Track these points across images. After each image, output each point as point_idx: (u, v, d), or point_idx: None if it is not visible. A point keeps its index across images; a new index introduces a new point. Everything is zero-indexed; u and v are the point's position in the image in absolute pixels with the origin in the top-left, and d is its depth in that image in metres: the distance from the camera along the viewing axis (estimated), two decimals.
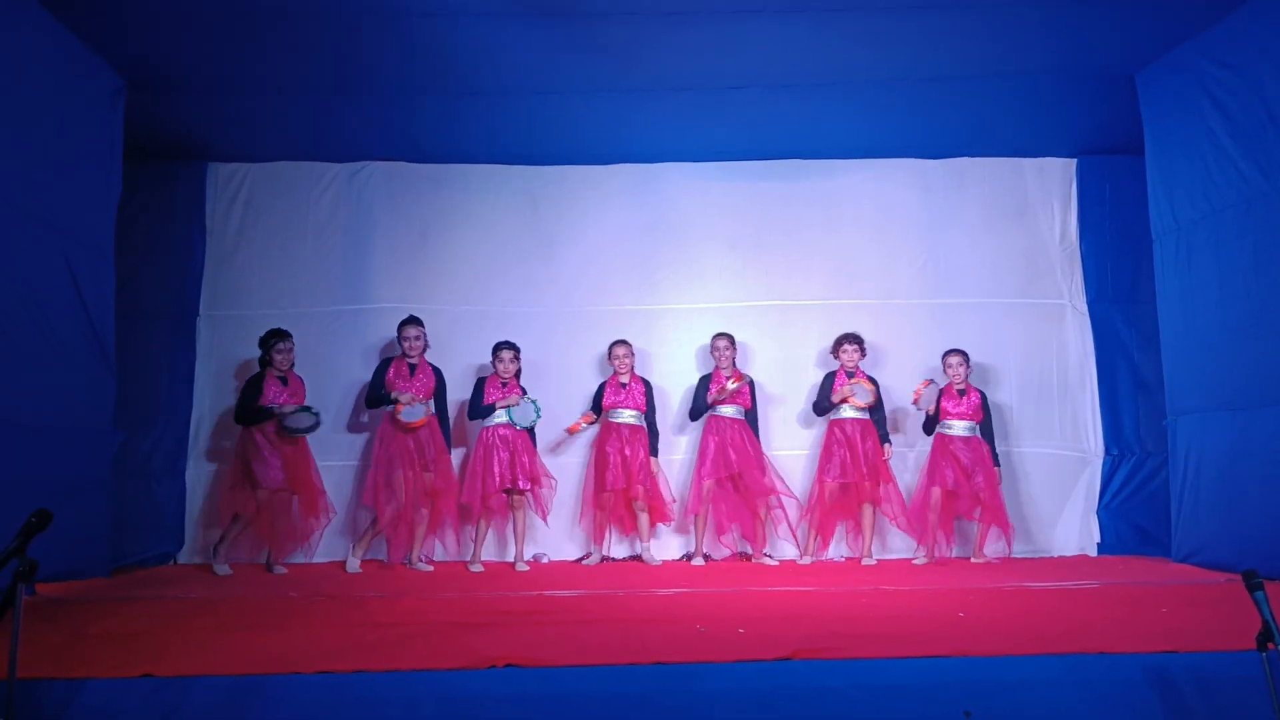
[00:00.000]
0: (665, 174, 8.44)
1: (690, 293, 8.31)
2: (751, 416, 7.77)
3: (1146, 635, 4.69)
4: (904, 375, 8.08)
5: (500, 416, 7.56)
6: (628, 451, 7.64)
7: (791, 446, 8.14)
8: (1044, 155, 8.37)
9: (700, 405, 7.75)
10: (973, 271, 8.34)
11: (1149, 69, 7.13)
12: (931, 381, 7.67)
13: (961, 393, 7.72)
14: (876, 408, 7.75)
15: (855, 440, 7.68)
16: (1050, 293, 8.33)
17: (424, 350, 7.61)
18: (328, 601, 5.97)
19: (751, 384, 7.77)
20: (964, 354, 7.72)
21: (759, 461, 7.66)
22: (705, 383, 7.78)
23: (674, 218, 8.40)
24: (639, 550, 7.80)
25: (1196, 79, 6.77)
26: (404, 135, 7.98)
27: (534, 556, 7.86)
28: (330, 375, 8.02)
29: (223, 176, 8.32)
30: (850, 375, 7.79)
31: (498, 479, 7.46)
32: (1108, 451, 8.13)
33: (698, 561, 7.68)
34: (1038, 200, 8.40)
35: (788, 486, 7.72)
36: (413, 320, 7.62)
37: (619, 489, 7.57)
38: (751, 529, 7.66)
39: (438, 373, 7.66)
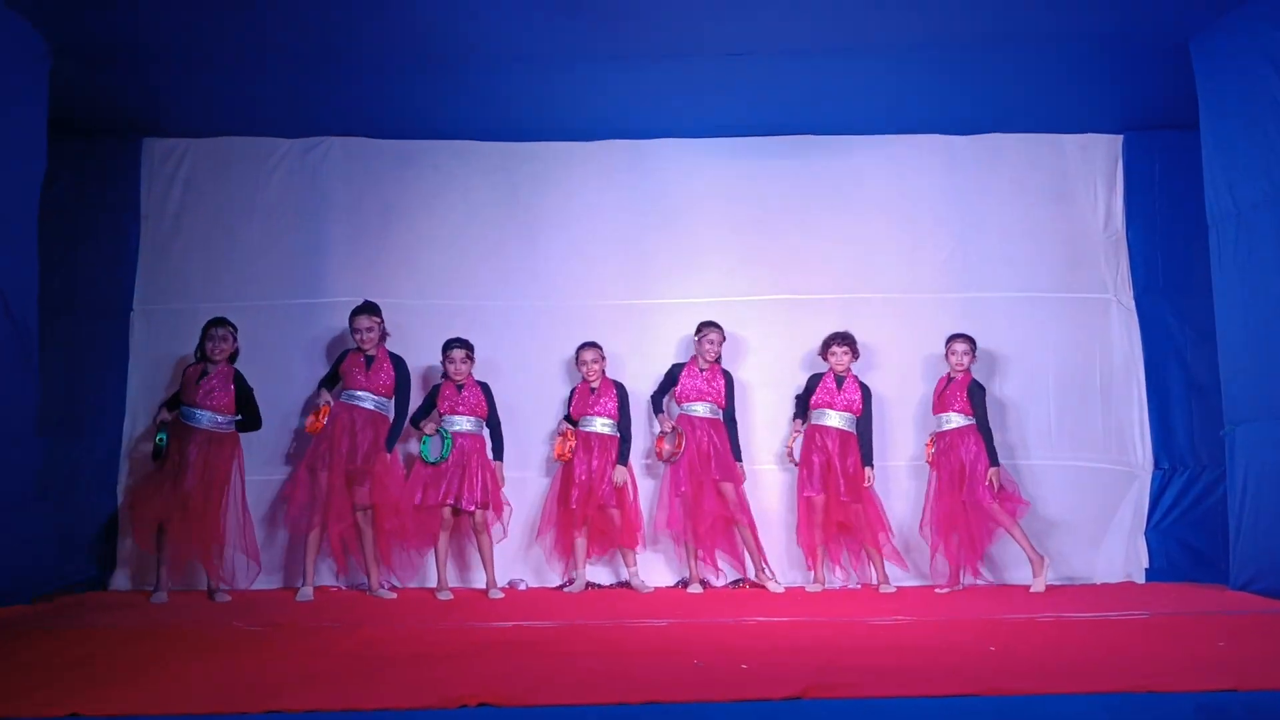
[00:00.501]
0: (659, 152, 8.45)
1: (687, 285, 8.32)
2: (728, 416, 7.77)
3: (1201, 671, 4.71)
4: (925, 380, 8.12)
5: (461, 425, 7.62)
6: (595, 464, 7.67)
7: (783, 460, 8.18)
8: (1086, 131, 8.41)
9: (661, 395, 7.76)
10: (1005, 262, 8.36)
11: (1204, 34, 7.14)
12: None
13: (949, 382, 7.70)
14: (863, 419, 7.75)
15: (832, 453, 7.74)
16: (1092, 285, 8.37)
17: (381, 340, 7.63)
18: (276, 632, 5.98)
19: (729, 379, 7.81)
20: (970, 340, 7.74)
21: (728, 473, 7.65)
22: (675, 372, 7.79)
23: (669, 201, 8.43)
24: (626, 576, 7.84)
25: (1258, 44, 6.79)
26: (365, 107, 8.01)
27: (509, 582, 7.87)
28: (280, 377, 8.00)
29: (160, 154, 8.34)
30: (840, 381, 7.81)
31: (443, 492, 7.45)
32: (1157, 465, 8.17)
33: (694, 589, 7.70)
34: (1079, 181, 8.45)
35: (745, 506, 7.67)
36: (366, 308, 7.62)
37: (583, 505, 7.59)
38: (732, 550, 7.74)
39: (399, 365, 7.67)
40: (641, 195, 8.42)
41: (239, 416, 7.51)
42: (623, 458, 7.73)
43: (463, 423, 7.59)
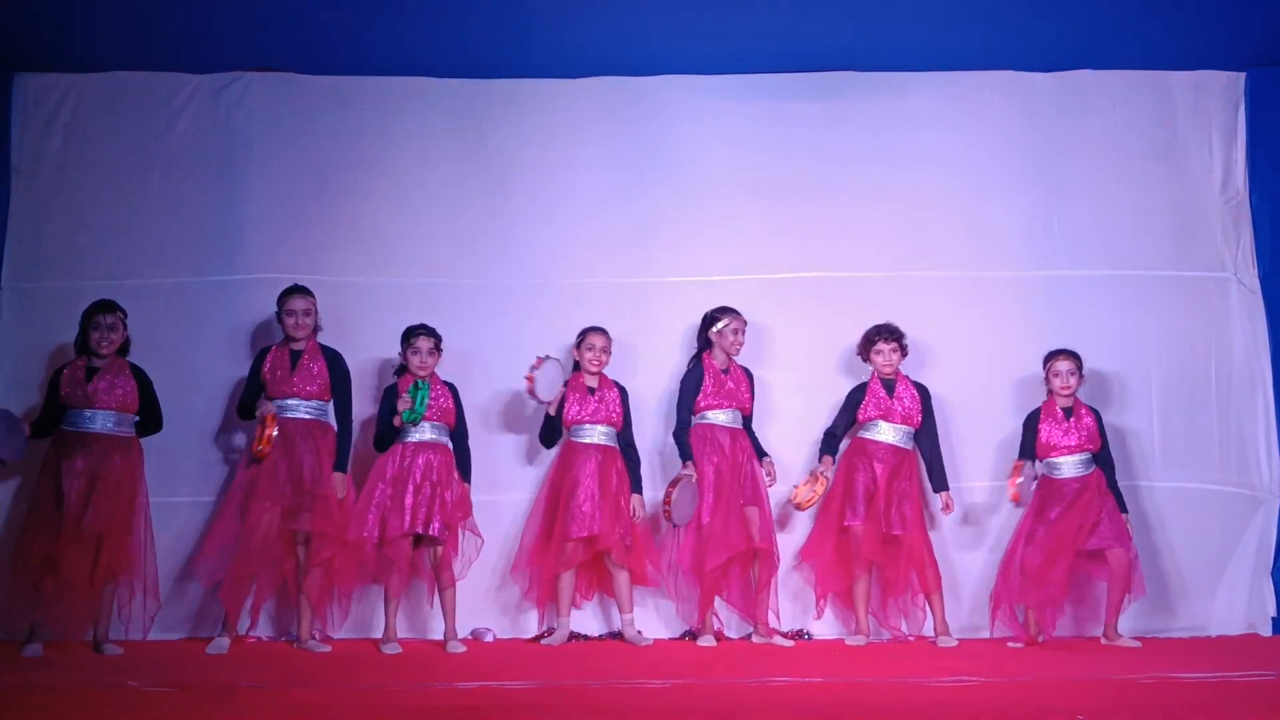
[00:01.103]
0: (661, 92, 8.48)
1: (695, 260, 8.35)
2: (748, 421, 7.91)
3: None
4: (993, 382, 8.20)
5: (426, 433, 7.65)
6: (595, 485, 7.67)
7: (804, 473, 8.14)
8: (1200, 67, 8.44)
9: (686, 412, 7.84)
10: (1097, 232, 8.38)
11: None
12: (1027, 464, 7.75)
13: (1068, 413, 7.79)
14: (924, 432, 7.87)
15: (880, 475, 7.83)
16: (1206, 262, 8.40)
17: (314, 332, 7.66)
18: (184, 695, 5.96)
19: (750, 377, 7.91)
20: (1075, 357, 7.83)
21: (755, 494, 7.78)
22: (697, 377, 7.82)
23: (673, 155, 8.44)
24: (618, 624, 7.89)
25: None
26: (294, 35, 8.02)
27: (472, 633, 7.90)
28: (186, 373, 8.03)
29: (34, 92, 8.36)
30: (889, 386, 7.86)
31: (407, 518, 7.47)
32: None
33: (706, 641, 7.72)
34: (1190, 132, 8.48)
35: (771, 534, 7.82)
36: (297, 290, 7.67)
37: (586, 538, 7.61)
38: (742, 595, 7.83)
39: (334, 360, 7.71)
40: (638, 147, 8.45)
41: (136, 417, 7.49)
42: (637, 483, 7.81)
43: (424, 431, 7.60)
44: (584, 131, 8.43)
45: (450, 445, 7.70)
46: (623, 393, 7.92)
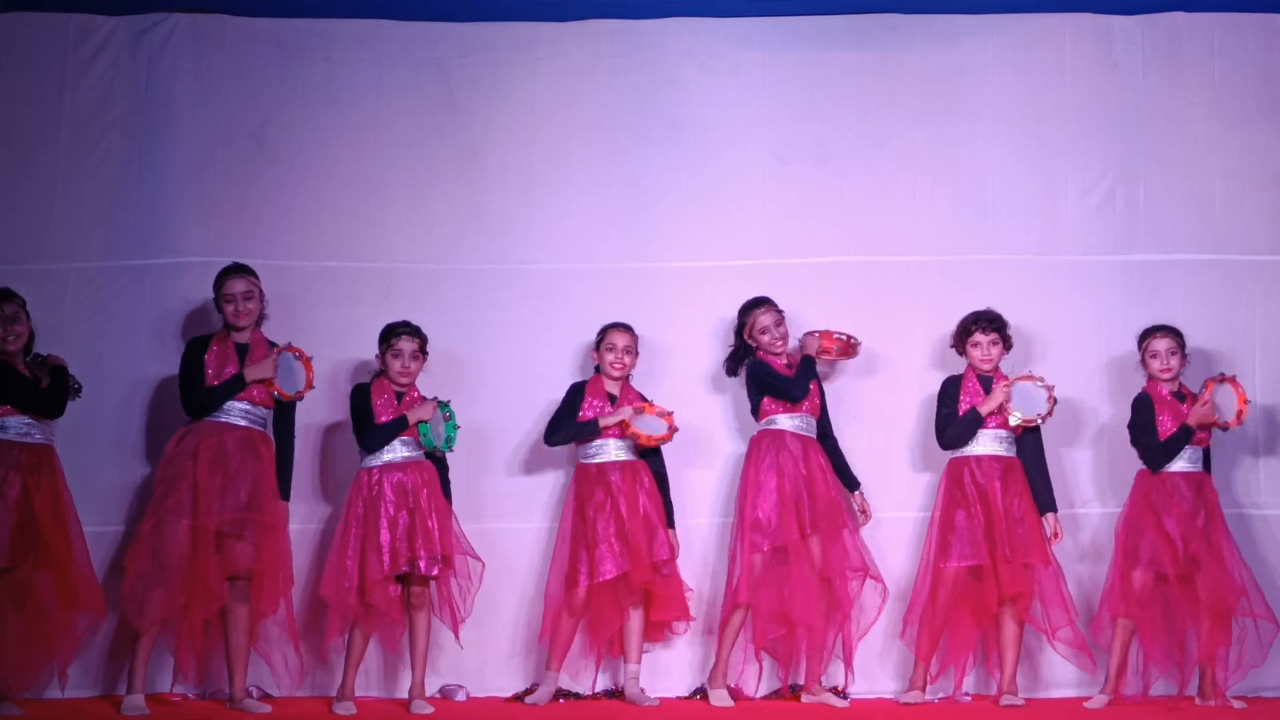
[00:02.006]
0: (666, 38, 8.27)
1: (707, 242, 8.15)
2: (827, 431, 7.72)
3: None
4: (1065, 389, 7.79)
5: (397, 451, 7.38)
6: (625, 509, 7.49)
7: (888, 504, 7.92)
8: None
9: (771, 393, 7.62)
10: (1189, 208, 8.13)
11: None
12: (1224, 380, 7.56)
13: (1180, 398, 7.55)
14: (1026, 440, 7.58)
15: (993, 494, 7.50)
16: None
17: (259, 320, 7.45)
18: None
19: (818, 378, 7.76)
20: (1177, 335, 7.60)
21: (842, 516, 7.59)
22: (765, 369, 7.62)
23: (681, 115, 8.23)
24: (621, 680, 7.70)
25: None
26: None
27: (441, 691, 7.69)
28: (97, 375, 7.63)
29: None
30: (986, 382, 7.64)
31: (386, 558, 7.27)
32: None
33: (720, 700, 7.49)
34: None
35: (874, 565, 7.64)
36: (237, 270, 7.44)
37: (617, 576, 7.45)
38: (794, 642, 7.61)
39: (273, 346, 7.51)
40: (638, 106, 8.24)
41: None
42: (669, 519, 7.69)
43: (401, 450, 7.40)
44: (572, 87, 8.23)
45: (432, 466, 7.54)
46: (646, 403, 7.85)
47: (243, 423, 7.30)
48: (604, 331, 7.70)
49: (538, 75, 8.16)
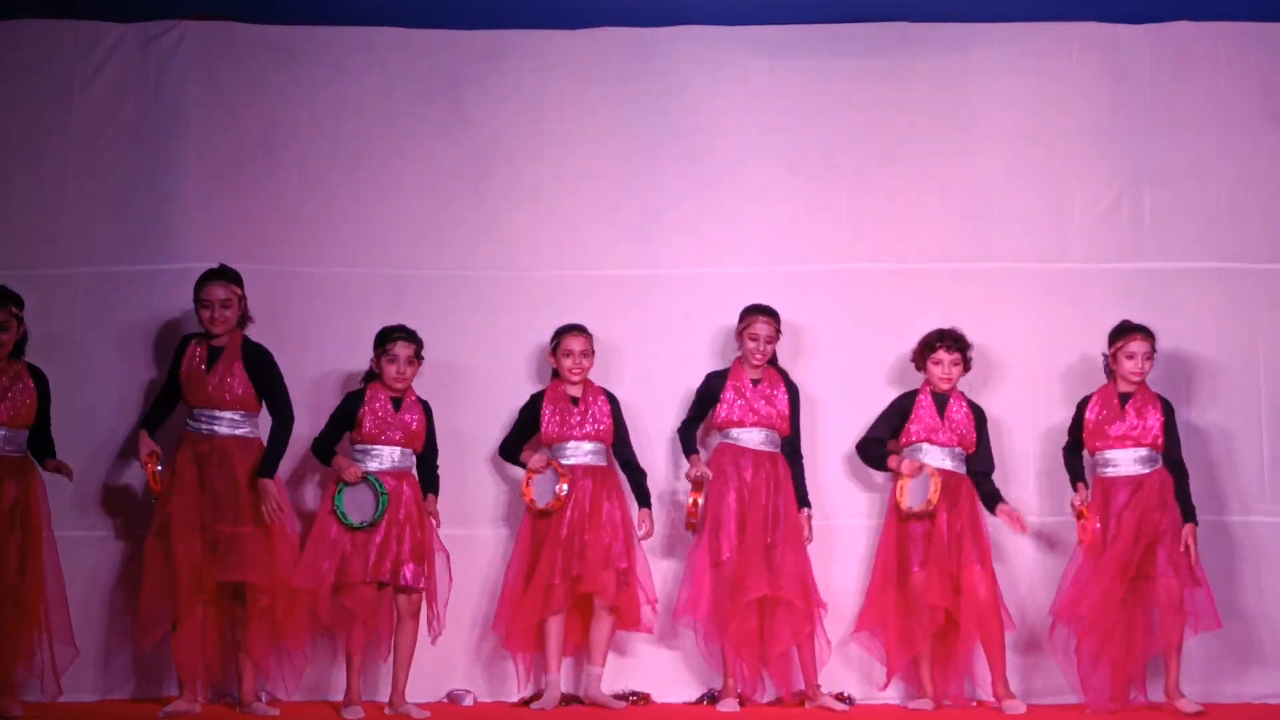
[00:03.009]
0: (676, 46, 8.28)
1: (715, 249, 8.16)
2: (791, 446, 7.74)
3: None
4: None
5: (384, 459, 7.41)
6: (582, 511, 7.54)
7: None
8: None
9: (694, 424, 7.76)
10: (1196, 217, 8.10)
11: None
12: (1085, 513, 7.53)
13: (1125, 400, 7.59)
14: (979, 451, 7.69)
15: (942, 509, 7.57)
16: None
17: (238, 323, 7.40)
18: None
19: (794, 391, 7.78)
20: (1150, 336, 7.57)
21: (791, 532, 7.61)
22: (715, 386, 7.75)
23: (690, 122, 8.25)
24: (581, 683, 7.72)
25: None
26: None
27: (448, 695, 7.73)
28: (104, 381, 7.77)
29: None
30: (941, 402, 7.70)
31: (370, 561, 7.30)
32: None
33: (728, 706, 7.52)
34: None
35: (810, 582, 7.63)
36: (216, 276, 7.36)
37: (575, 577, 7.51)
38: (779, 654, 7.63)
39: (258, 360, 7.42)
40: (648, 113, 8.26)
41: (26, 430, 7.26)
42: (644, 498, 7.75)
43: (391, 455, 7.43)
44: (582, 94, 8.25)
45: (415, 474, 7.57)
46: (613, 401, 7.82)
47: (226, 430, 7.23)
48: (559, 335, 7.70)
49: (546, 83, 8.18)
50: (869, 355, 7.97)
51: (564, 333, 7.68)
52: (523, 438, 7.69)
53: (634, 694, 7.65)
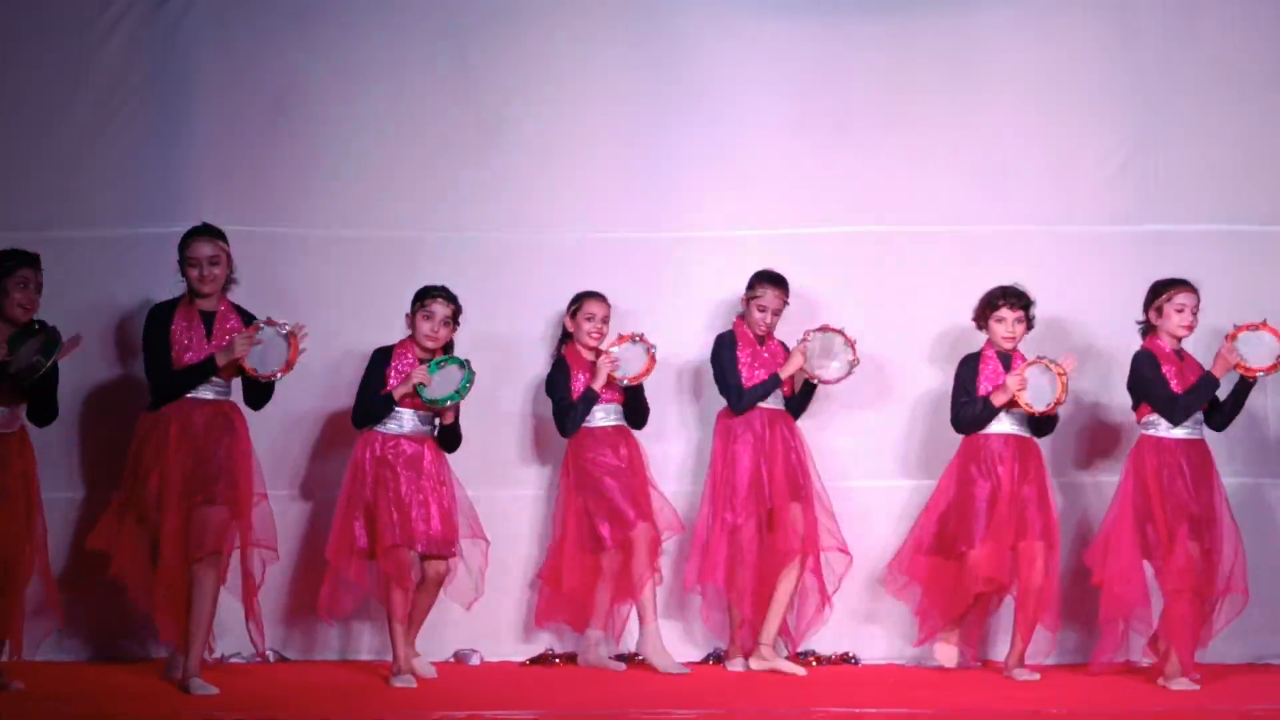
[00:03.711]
0: (684, 8, 8.30)
1: (724, 212, 8.23)
2: (795, 406, 7.79)
3: None
4: (1082, 359, 7.86)
5: (404, 422, 7.31)
6: (616, 482, 7.63)
7: (894, 471, 8.06)
8: None
9: (735, 383, 7.63)
10: (1206, 178, 8.14)
11: None
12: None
13: (1180, 357, 7.47)
14: (1045, 421, 7.57)
15: (1003, 477, 7.46)
16: None
17: (226, 284, 7.22)
18: None
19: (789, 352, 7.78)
20: (1196, 291, 7.48)
21: (800, 490, 7.63)
22: (729, 347, 7.70)
23: (700, 83, 8.28)
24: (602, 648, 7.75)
25: None
26: None
27: (455, 655, 7.81)
28: (118, 338, 7.83)
29: None
30: (1005, 361, 7.55)
31: (398, 531, 7.19)
32: None
33: (737, 665, 7.65)
34: None
35: (815, 539, 7.65)
36: (203, 232, 7.19)
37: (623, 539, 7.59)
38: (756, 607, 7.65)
39: (247, 320, 7.25)
40: (656, 75, 8.28)
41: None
42: (639, 422, 7.84)
43: (413, 419, 7.32)
44: (591, 55, 8.26)
45: (435, 439, 7.49)
46: None
47: (211, 395, 7.10)
48: (580, 300, 7.73)
49: (556, 45, 8.19)
50: (878, 317, 7.96)
51: (585, 297, 7.72)
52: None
53: (635, 655, 7.70)
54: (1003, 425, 7.52)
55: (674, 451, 8.06)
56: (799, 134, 8.18)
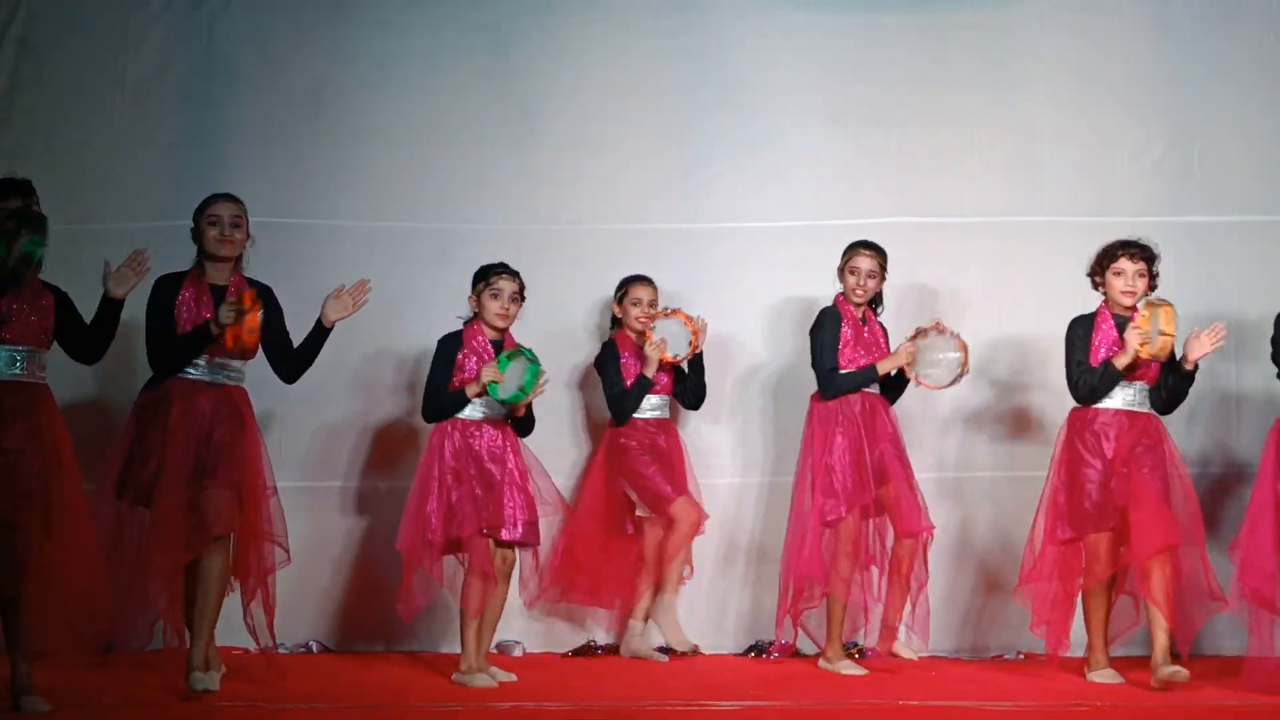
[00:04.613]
0: (720, 3, 8.35)
1: (760, 203, 8.25)
2: (893, 391, 7.58)
3: None
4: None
5: (474, 408, 7.06)
6: (657, 467, 7.69)
7: (928, 465, 7.90)
8: None
9: (831, 364, 7.32)
10: (1245, 171, 8.14)
11: None
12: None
13: None
14: (1161, 389, 7.02)
15: (1115, 456, 6.93)
16: None
17: (239, 260, 6.82)
18: None
19: (886, 333, 7.60)
20: None
21: (907, 475, 7.43)
22: (832, 322, 7.41)
23: (736, 75, 8.31)
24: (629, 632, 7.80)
25: None
26: None
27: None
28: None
29: None
30: (1121, 323, 6.96)
31: (479, 519, 6.97)
32: None
33: (850, 669, 7.35)
34: None
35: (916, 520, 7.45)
36: (225, 196, 6.83)
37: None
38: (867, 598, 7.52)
39: (274, 298, 6.88)
40: (692, 67, 8.32)
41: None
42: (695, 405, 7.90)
43: (490, 401, 7.02)
44: (626, 48, 8.32)
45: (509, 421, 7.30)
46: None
47: (228, 380, 6.71)
48: (625, 284, 7.77)
49: (591, 37, 8.23)
50: (915, 309, 7.90)
51: (631, 281, 7.75)
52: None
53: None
54: (1113, 399, 6.96)
55: (719, 441, 8.07)
56: (836, 126, 8.20)
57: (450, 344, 7.09)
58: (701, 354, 7.70)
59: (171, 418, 6.54)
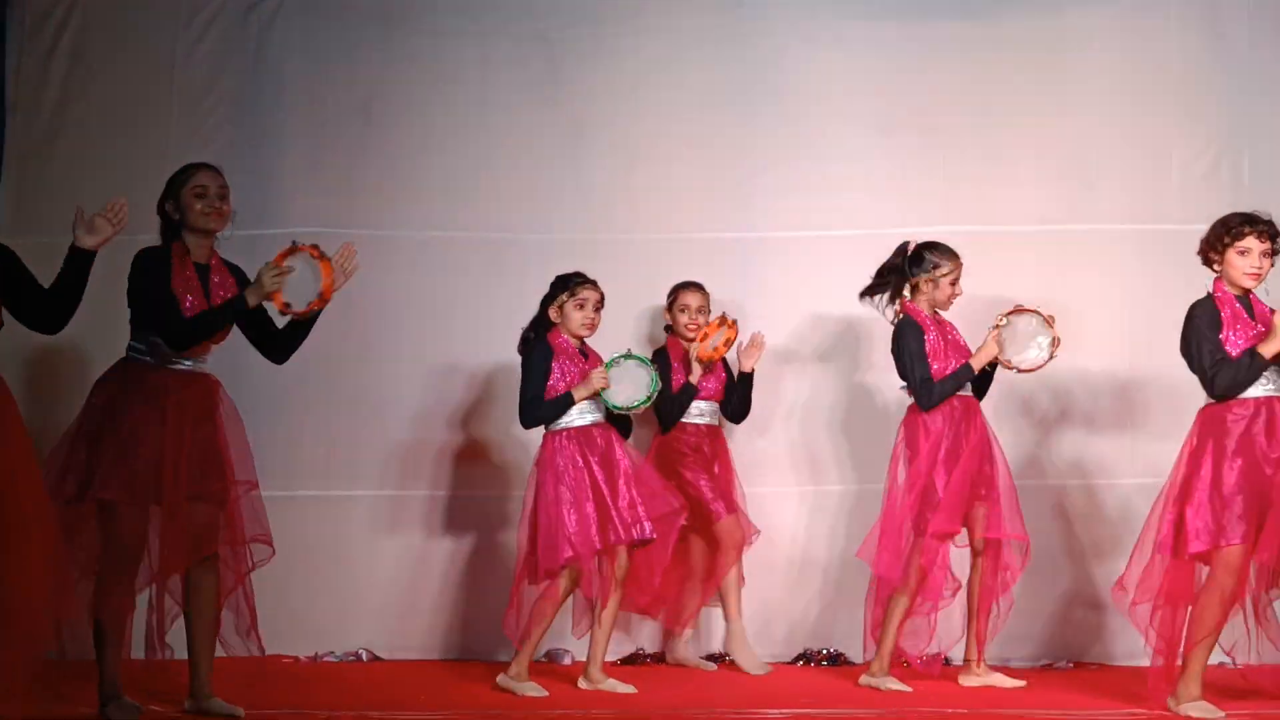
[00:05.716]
0: (770, 7, 8.38)
1: (811, 212, 8.26)
2: (978, 391, 7.40)
3: None
4: (1169, 362, 7.32)
5: (582, 414, 7.06)
6: (705, 477, 7.70)
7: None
8: None
9: (925, 374, 7.13)
10: None
11: None
12: None
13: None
14: None
15: (1264, 453, 6.27)
16: None
17: (219, 236, 6.43)
18: None
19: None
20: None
21: (1009, 484, 7.25)
22: (914, 332, 7.22)
23: (786, 84, 8.33)
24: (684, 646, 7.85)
25: None
26: None
27: (547, 655, 7.78)
28: None
29: (35, 17, 8.27)
30: (1249, 307, 6.44)
31: (618, 523, 6.97)
32: None
33: (975, 679, 7.19)
34: None
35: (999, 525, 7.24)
36: (207, 165, 6.46)
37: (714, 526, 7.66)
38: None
39: (242, 281, 6.45)
40: (743, 77, 8.34)
41: None
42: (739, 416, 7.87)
43: (590, 407, 7.07)
44: (676, 57, 8.35)
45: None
46: (725, 364, 7.85)
47: (209, 369, 6.35)
48: (675, 291, 7.74)
49: (641, 46, 8.27)
50: (964, 317, 7.62)
51: (680, 288, 7.74)
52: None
53: (725, 655, 7.76)
54: (1259, 386, 6.30)
55: (767, 450, 8.09)
56: (887, 135, 8.21)
57: (542, 351, 7.04)
58: (752, 372, 7.70)
59: (168, 414, 6.11)
